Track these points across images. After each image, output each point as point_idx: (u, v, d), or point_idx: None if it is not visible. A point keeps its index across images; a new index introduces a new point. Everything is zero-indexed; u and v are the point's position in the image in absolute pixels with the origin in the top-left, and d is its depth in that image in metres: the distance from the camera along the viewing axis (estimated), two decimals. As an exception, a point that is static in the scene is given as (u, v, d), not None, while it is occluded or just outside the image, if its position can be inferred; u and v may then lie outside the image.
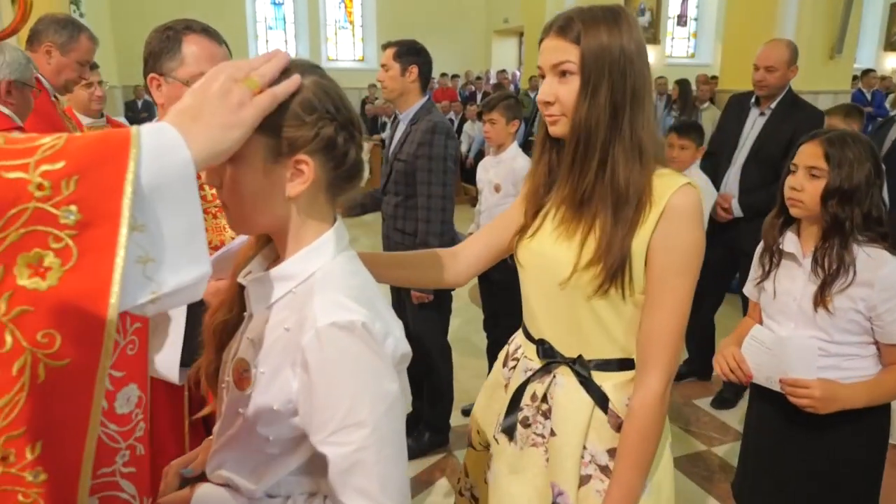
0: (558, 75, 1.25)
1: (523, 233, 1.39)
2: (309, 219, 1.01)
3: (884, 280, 1.66)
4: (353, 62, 16.26)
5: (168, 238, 0.76)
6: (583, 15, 1.22)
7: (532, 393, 1.38)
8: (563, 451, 1.31)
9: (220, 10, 12.95)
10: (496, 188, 3.46)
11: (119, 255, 0.70)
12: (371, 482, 0.93)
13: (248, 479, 1.04)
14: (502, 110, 3.32)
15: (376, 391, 0.93)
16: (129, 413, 1.06)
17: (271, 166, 0.94)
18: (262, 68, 0.90)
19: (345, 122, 0.98)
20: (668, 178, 1.24)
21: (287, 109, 0.93)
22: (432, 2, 15.43)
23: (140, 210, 0.73)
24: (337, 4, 16.20)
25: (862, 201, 1.69)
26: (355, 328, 0.92)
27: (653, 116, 1.28)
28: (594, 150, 1.23)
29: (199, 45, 1.60)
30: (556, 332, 1.35)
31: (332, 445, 0.93)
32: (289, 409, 0.97)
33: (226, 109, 0.84)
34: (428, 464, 3.22)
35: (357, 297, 0.97)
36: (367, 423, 0.92)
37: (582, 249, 1.25)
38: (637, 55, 1.22)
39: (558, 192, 1.33)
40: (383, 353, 0.95)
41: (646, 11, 15.52)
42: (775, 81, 3.56)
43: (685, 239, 1.22)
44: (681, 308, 1.24)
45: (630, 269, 1.23)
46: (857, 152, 1.70)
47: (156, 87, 1.63)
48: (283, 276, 1.01)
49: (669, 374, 1.27)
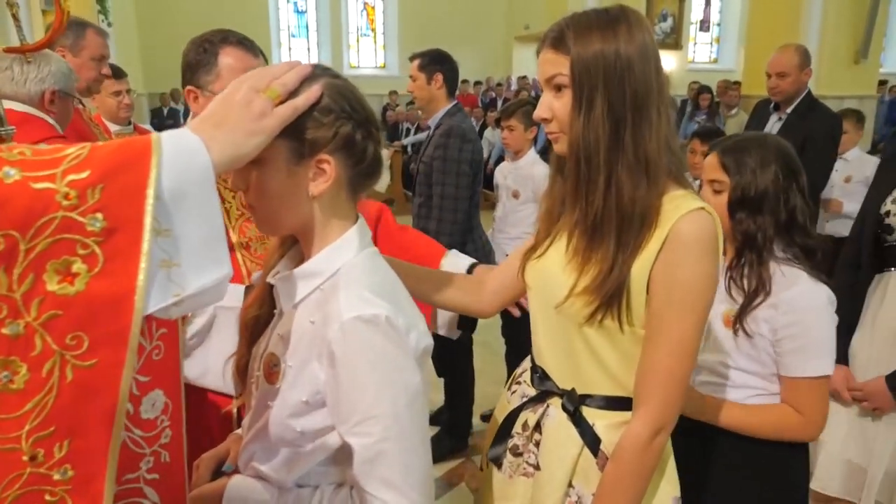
0: (553, 90, 1.15)
1: (532, 252, 1.30)
2: (332, 217, 1.04)
3: (789, 302, 1.45)
4: (374, 69, 16.34)
5: (190, 241, 0.78)
6: (575, 22, 1.12)
7: (524, 421, 1.31)
8: (545, 488, 1.23)
9: (243, 18, 13.08)
10: (514, 194, 3.49)
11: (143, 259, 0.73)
12: (394, 472, 0.96)
13: (279, 470, 1.07)
14: (520, 117, 3.36)
15: (399, 383, 0.96)
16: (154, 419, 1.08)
17: (294, 168, 0.98)
18: (284, 77, 0.93)
19: (361, 120, 1.02)
20: (679, 201, 1.12)
21: (305, 113, 0.96)
22: (454, 9, 15.46)
23: (163, 214, 0.76)
24: (359, 12, 16.32)
25: (776, 209, 1.49)
26: (379, 322, 0.95)
27: (665, 125, 1.14)
28: (598, 170, 1.12)
29: (234, 58, 1.60)
30: (553, 359, 1.27)
31: (356, 436, 0.96)
32: (317, 400, 1.00)
33: (248, 118, 0.87)
34: (446, 469, 3.22)
35: (380, 291, 1.00)
36: (389, 415, 0.95)
37: (581, 273, 1.16)
38: (639, 59, 1.09)
39: (569, 216, 1.23)
40: (406, 347, 0.98)
41: (668, 17, 15.42)
42: (788, 87, 3.63)
43: (689, 272, 1.10)
44: (680, 348, 1.12)
45: (628, 297, 1.12)
46: (759, 156, 1.50)
47: (193, 100, 1.65)
48: (309, 273, 1.04)
49: (660, 420, 1.14)
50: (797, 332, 1.45)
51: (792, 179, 1.51)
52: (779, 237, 1.51)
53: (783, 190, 1.50)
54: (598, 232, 1.14)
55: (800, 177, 1.52)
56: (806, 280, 1.47)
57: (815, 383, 1.47)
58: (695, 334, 1.13)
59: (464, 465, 3.25)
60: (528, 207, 3.44)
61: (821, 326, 1.46)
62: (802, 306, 1.46)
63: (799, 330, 1.45)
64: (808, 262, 1.50)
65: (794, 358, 1.47)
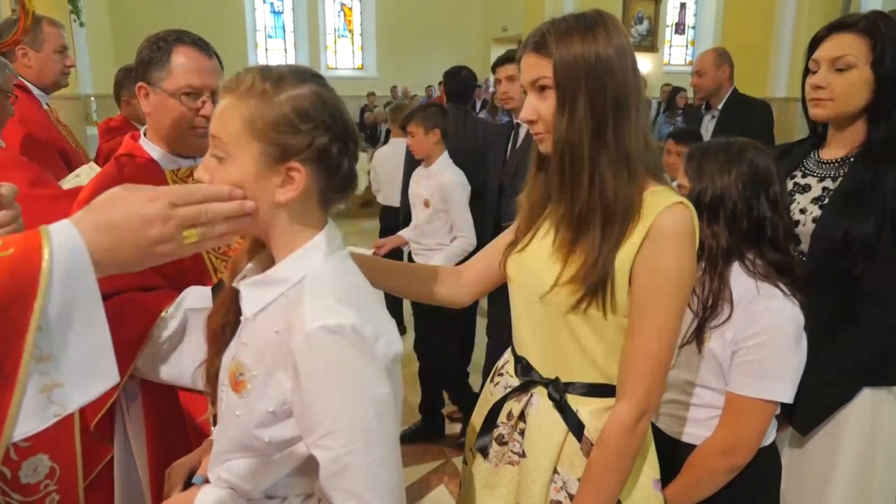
0: (537, 92, 1.20)
1: (513, 247, 1.35)
2: (299, 224, 1.01)
3: (755, 316, 1.38)
4: (352, 70, 16.29)
5: (74, 360, 0.78)
6: (555, 27, 1.17)
7: (508, 411, 1.34)
8: (531, 474, 1.27)
9: (220, 18, 13.01)
10: (426, 203, 3.25)
11: (16, 391, 0.73)
12: (360, 485, 0.94)
13: (247, 480, 1.05)
14: (419, 121, 3.17)
15: (365, 395, 0.93)
16: (36, 483, 1.07)
17: (263, 171, 0.95)
18: (214, 217, 0.89)
19: (339, 133, 0.99)
20: (659, 196, 1.18)
21: (282, 116, 0.94)
22: (431, 11, 15.48)
23: (45, 341, 0.75)
24: (336, 13, 16.26)
25: (735, 218, 1.41)
26: (345, 331, 0.92)
27: (643, 122, 1.21)
28: (582, 167, 1.17)
29: (188, 57, 1.59)
30: (537, 350, 1.31)
31: (321, 449, 0.94)
32: (284, 410, 0.97)
33: (143, 241, 0.84)
34: (426, 470, 3.22)
35: (347, 299, 0.97)
36: (353, 428, 0.92)
37: (566, 264, 1.20)
38: (618, 60, 1.15)
39: (553, 211, 1.28)
40: (374, 356, 0.94)
41: (644, 20, 15.57)
42: (707, 84, 3.94)
43: (669, 262, 1.15)
44: (662, 335, 1.17)
45: (612, 287, 1.17)
46: (719, 162, 1.44)
47: (143, 96, 1.64)
48: (274, 279, 1.01)
49: (644, 404, 1.19)
50: (756, 348, 1.37)
51: (760, 188, 1.42)
52: (749, 250, 1.43)
53: (745, 199, 1.41)
54: (584, 225, 1.19)
55: (770, 187, 1.43)
56: (779, 297, 1.38)
57: (758, 405, 1.36)
58: (675, 321, 1.19)
59: (443, 467, 3.25)
60: (439, 218, 3.22)
61: (782, 347, 1.37)
62: (767, 323, 1.37)
63: (758, 346, 1.37)
64: (782, 279, 1.41)
65: (746, 375, 1.38)
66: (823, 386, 1.58)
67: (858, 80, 1.60)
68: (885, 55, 1.57)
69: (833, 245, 1.58)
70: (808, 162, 1.78)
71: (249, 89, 0.96)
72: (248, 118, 0.95)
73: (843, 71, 1.62)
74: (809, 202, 1.69)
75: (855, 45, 1.60)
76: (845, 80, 1.61)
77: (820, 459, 1.65)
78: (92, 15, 9.51)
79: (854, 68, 1.60)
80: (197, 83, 1.59)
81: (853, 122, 1.67)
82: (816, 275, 1.57)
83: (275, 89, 0.95)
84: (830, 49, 1.64)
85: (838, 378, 1.60)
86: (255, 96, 0.95)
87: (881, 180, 1.56)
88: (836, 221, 1.58)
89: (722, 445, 1.40)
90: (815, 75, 1.67)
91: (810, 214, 1.67)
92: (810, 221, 1.65)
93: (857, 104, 1.63)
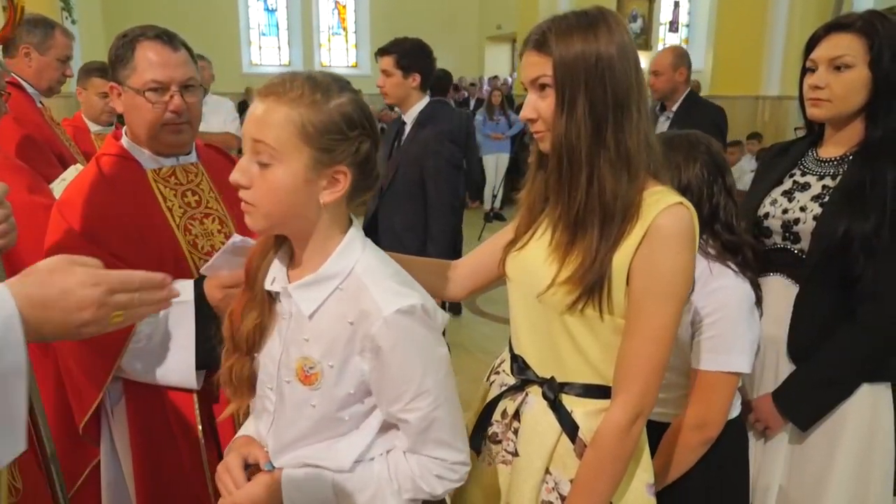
0: (537, 90, 1.19)
1: (513, 245, 1.34)
2: (334, 223, 1.10)
3: (710, 294, 1.49)
4: (346, 68, 16.24)
5: None
6: (555, 25, 1.16)
7: (503, 409, 1.34)
8: (523, 473, 1.27)
9: (213, 16, 12.93)
10: None
11: None
12: (445, 433, 1.13)
13: (333, 459, 1.15)
14: None
15: (436, 360, 1.12)
16: None
17: (311, 175, 1.03)
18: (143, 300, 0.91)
19: (376, 138, 1.08)
20: (659, 196, 1.17)
21: (333, 123, 1.01)
22: (425, 8, 15.44)
23: None
24: (330, 11, 16.21)
25: (698, 203, 1.49)
26: (416, 311, 1.08)
27: (644, 121, 1.19)
28: (579, 166, 1.16)
29: (153, 51, 1.56)
30: (534, 349, 1.30)
31: (411, 412, 1.10)
32: (362, 389, 1.13)
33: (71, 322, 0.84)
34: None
35: (404, 280, 1.13)
36: (435, 388, 1.10)
37: (564, 264, 1.19)
38: (619, 59, 1.14)
39: (551, 211, 1.27)
40: (437, 327, 1.13)
41: (638, 17, 15.58)
42: (662, 85, 3.89)
43: (668, 263, 1.15)
44: (658, 336, 1.16)
45: (609, 287, 1.16)
46: (685, 152, 1.54)
47: (116, 96, 1.61)
48: (326, 276, 1.10)
49: (639, 406, 1.18)
50: (712, 325, 1.48)
51: (718, 176, 1.55)
52: (703, 233, 1.50)
53: (707, 185, 1.54)
54: (581, 225, 1.18)
55: (725, 176, 1.57)
56: (730, 276, 1.51)
57: (721, 378, 1.47)
58: (672, 323, 1.18)
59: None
60: None
61: (736, 322, 1.48)
62: (721, 301, 1.48)
63: (714, 323, 1.48)
64: (733, 259, 1.53)
65: (708, 351, 1.48)
66: (823, 382, 1.62)
67: (856, 79, 1.61)
68: (883, 55, 1.58)
69: (833, 243, 1.59)
70: (806, 160, 1.78)
71: (300, 97, 1.02)
72: (301, 125, 1.01)
73: (841, 71, 1.62)
74: (809, 200, 1.70)
75: (853, 45, 1.60)
76: (843, 80, 1.62)
77: (819, 455, 1.67)
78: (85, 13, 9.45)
79: (852, 68, 1.61)
80: (161, 77, 1.55)
81: (851, 122, 1.67)
82: (816, 272, 1.61)
83: (325, 98, 1.02)
84: (828, 49, 1.65)
85: (838, 374, 1.62)
86: (305, 104, 1.01)
87: (880, 179, 1.56)
88: (836, 220, 1.60)
89: (695, 420, 1.48)
90: (814, 75, 1.68)
91: (811, 212, 1.67)
92: (811, 219, 1.66)
93: (855, 104, 1.64)
